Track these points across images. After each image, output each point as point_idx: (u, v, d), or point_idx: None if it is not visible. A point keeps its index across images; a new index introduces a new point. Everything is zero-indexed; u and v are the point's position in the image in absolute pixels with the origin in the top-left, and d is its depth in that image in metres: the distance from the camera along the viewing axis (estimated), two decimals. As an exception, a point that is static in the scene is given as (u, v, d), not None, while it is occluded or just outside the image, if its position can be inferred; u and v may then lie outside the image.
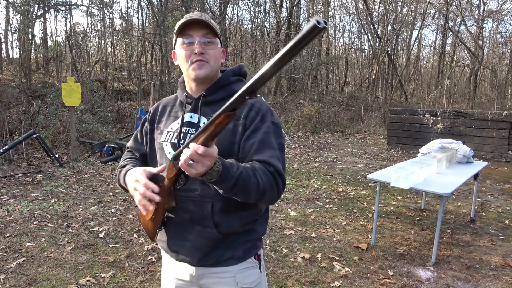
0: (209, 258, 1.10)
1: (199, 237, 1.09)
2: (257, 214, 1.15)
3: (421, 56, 21.06)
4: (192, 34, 1.08)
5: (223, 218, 1.07)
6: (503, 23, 17.75)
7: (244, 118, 1.08)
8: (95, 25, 15.25)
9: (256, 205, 1.14)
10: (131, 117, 9.60)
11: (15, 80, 9.11)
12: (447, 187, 2.88)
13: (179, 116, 1.17)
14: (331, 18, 18.30)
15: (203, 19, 1.07)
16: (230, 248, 1.11)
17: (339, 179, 5.71)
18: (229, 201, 1.06)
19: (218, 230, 1.07)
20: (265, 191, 0.96)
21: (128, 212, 4.01)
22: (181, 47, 1.09)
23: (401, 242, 3.34)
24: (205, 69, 1.08)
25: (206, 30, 1.08)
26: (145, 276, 2.66)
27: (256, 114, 1.09)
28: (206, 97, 1.12)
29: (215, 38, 1.10)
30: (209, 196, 1.06)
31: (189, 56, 1.08)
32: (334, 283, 2.60)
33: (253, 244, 1.15)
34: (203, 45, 1.07)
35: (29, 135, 5.92)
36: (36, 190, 4.73)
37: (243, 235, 1.13)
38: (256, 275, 1.16)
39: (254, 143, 1.04)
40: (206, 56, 1.08)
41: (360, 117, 13.13)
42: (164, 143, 1.15)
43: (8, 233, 3.34)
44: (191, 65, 1.08)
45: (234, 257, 1.11)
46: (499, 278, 2.72)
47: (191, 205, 1.08)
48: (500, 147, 7.43)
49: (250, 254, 1.15)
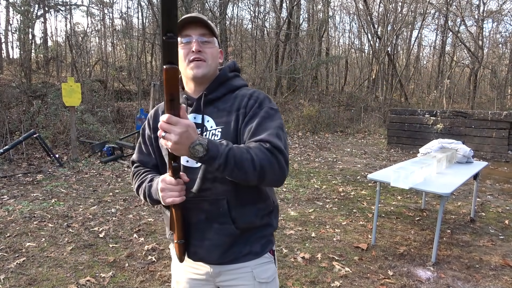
0: (228, 255, 1.10)
1: (217, 234, 1.09)
2: (271, 205, 1.17)
3: (421, 56, 21.08)
4: (189, 33, 1.09)
5: (239, 213, 1.08)
6: (503, 23, 17.77)
7: (244, 108, 1.09)
8: (95, 25, 15.26)
9: (267, 196, 1.16)
10: (131, 117, 9.61)
11: (15, 80, 9.11)
12: (447, 187, 2.88)
13: None
14: (331, 18, 18.30)
15: (200, 17, 1.08)
16: (248, 243, 1.12)
17: (339, 179, 5.71)
18: (243, 195, 1.08)
19: (236, 225, 1.08)
20: (263, 168, 0.94)
21: (128, 212, 4.01)
22: (179, 46, 1.09)
23: (401, 242, 3.34)
24: (202, 68, 1.09)
25: (203, 29, 1.09)
26: (145, 276, 2.67)
27: (255, 102, 1.10)
28: (207, 95, 1.12)
29: (212, 38, 1.12)
30: (223, 193, 1.06)
31: (186, 55, 1.09)
32: (334, 283, 2.60)
33: (268, 240, 1.17)
34: (200, 43, 1.08)
35: (29, 135, 5.92)
36: (36, 190, 4.74)
37: (260, 230, 1.14)
38: (272, 270, 1.18)
39: (252, 127, 1.05)
40: (203, 55, 1.09)
41: (360, 117, 13.13)
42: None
43: (8, 233, 3.34)
44: (189, 64, 1.09)
45: (252, 252, 1.12)
46: (499, 278, 2.72)
47: (206, 204, 1.08)
48: (500, 147, 7.43)
49: (267, 249, 1.16)
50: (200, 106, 1.11)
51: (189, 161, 1.09)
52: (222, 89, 1.14)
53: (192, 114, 1.13)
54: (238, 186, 1.06)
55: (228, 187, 1.06)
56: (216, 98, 1.13)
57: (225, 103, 1.12)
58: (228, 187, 1.06)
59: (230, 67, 1.19)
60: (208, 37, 1.10)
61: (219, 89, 1.14)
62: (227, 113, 1.10)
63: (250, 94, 1.13)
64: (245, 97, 1.12)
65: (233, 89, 1.15)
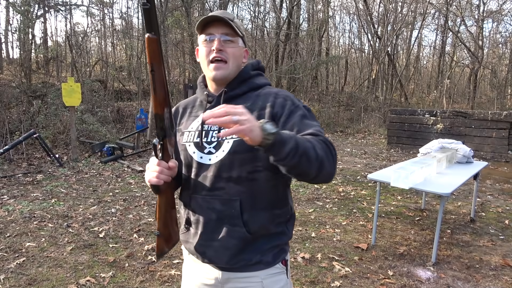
0: (237, 261, 1.06)
1: (228, 236, 1.05)
2: (288, 213, 1.12)
3: (421, 56, 21.06)
4: (212, 31, 1.07)
5: (252, 217, 1.04)
6: (503, 23, 17.77)
7: (271, 107, 1.05)
8: (95, 25, 15.25)
9: (286, 202, 1.11)
10: (131, 117, 9.60)
11: (15, 80, 9.11)
12: (447, 187, 2.88)
13: (199, 115, 1.14)
14: (331, 18, 18.31)
15: (223, 17, 1.05)
16: (259, 252, 1.07)
17: (339, 179, 5.71)
18: (259, 198, 1.04)
19: (247, 229, 1.03)
20: (322, 158, 0.89)
21: (128, 212, 4.01)
22: (202, 44, 1.09)
23: (401, 242, 3.34)
24: (222, 70, 1.07)
25: (227, 28, 1.06)
26: (145, 276, 2.67)
27: (285, 100, 1.06)
28: (228, 92, 1.10)
29: (236, 37, 1.08)
30: (237, 194, 1.03)
31: (208, 53, 1.07)
32: (334, 283, 2.60)
33: (281, 249, 1.12)
34: (222, 42, 1.06)
35: (29, 135, 5.92)
36: (36, 190, 4.74)
37: (273, 239, 1.09)
38: (283, 281, 1.12)
39: (294, 124, 1.00)
40: (224, 54, 1.06)
41: (360, 117, 13.13)
42: (186, 143, 1.12)
43: (8, 233, 3.34)
44: (209, 64, 1.07)
45: (262, 262, 1.07)
46: (499, 278, 2.72)
47: (218, 204, 1.05)
48: (500, 147, 7.43)
49: (279, 259, 1.11)
50: (219, 103, 1.08)
51: (203, 157, 1.07)
52: (244, 87, 1.11)
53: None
54: (254, 188, 1.03)
55: (243, 188, 1.02)
56: (236, 96, 1.10)
57: (246, 101, 1.08)
58: (243, 188, 1.02)
59: (254, 65, 1.17)
60: (231, 36, 1.07)
61: (240, 86, 1.11)
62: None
63: (275, 92, 1.09)
64: (270, 95, 1.08)
65: (255, 87, 1.12)
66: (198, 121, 1.13)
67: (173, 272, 2.71)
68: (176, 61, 13.61)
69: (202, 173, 1.05)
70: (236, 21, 1.09)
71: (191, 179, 1.10)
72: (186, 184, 1.12)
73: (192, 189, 1.10)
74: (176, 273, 2.69)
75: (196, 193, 1.08)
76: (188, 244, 1.14)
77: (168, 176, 0.99)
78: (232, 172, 1.02)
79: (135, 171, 5.95)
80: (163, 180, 0.98)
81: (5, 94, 8.43)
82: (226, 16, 1.06)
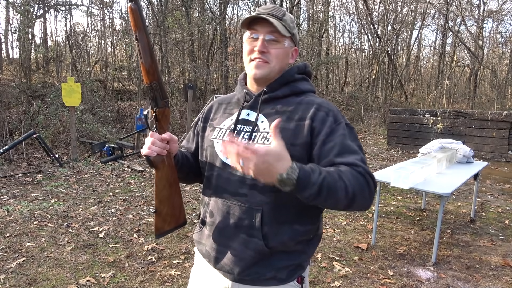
0: (249, 273, 0.99)
1: (244, 246, 0.98)
2: (312, 233, 1.03)
3: (421, 56, 21.09)
4: (258, 29, 1.01)
5: (273, 230, 0.97)
6: (503, 23, 17.78)
7: (311, 119, 0.97)
8: (95, 25, 15.26)
9: (311, 220, 1.03)
10: (131, 117, 9.60)
11: (15, 80, 9.11)
12: (447, 187, 2.88)
13: (234, 113, 1.09)
14: (331, 18, 18.31)
15: (268, 18, 0.97)
16: (274, 268, 0.99)
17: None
18: (283, 211, 0.97)
19: (265, 242, 0.96)
20: (355, 195, 0.85)
21: (128, 212, 4.01)
22: (246, 41, 1.04)
23: (401, 242, 3.34)
24: (263, 69, 1.01)
25: (273, 27, 0.98)
26: (145, 276, 2.66)
27: (327, 115, 0.98)
28: (267, 93, 1.03)
29: (282, 37, 1.01)
30: (259, 204, 0.96)
31: (250, 52, 1.02)
32: (334, 283, 2.60)
33: (298, 265, 1.02)
34: (266, 43, 0.99)
35: (29, 135, 5.92)
36: (36, 190, 4.73)
37: (291, 257, 1.01)
38: None
39: (334, 146, 0.93)
40: (267, 56, 1.00)
41: (360, 117, 13.13)
42: (215, 140, 1.07)
43: (8, 233, 3.34)
44: (250, 62, 1.02)
45: (276, 278, 1.00)
46: (499, 278, 2.72)
47: (237, 211, 0.99)
48: (500, 147, 7.43)
49: (294, 277, 1.02)
50: (257, 104, 1.03)
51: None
52: (285, 90, 1.04)
53: (246, 110, 1.06)
54: (278, 200, 0.96)
55: (267, 198, 0.96)
56: (276, 98, 1.03)
57: (285, 106, 1.01)
58: (267, 199, 0.95)
59: (300, 68, 1.09)
60: (277, 35, 0.99)
61: (282, 88, 1.04)
62: (286, 118, 0.99)
63: (318, 103, 1.00)
64: (312, 106, 0.99)
65: (297, 92, 1.05)
66: (231, 119, 1.08)
67: (173, 272, 2.71)
68: (176, 61, 13.61)
69: (226, 175, 1.00)
70: (286, 18, 1.01)
71: (213, 179, 1.06)
72: (207, 183, 1.08)
73: (213, 189, 1.05)
74: (176, 273, 2.69)
75: (217, 194, 1.04)
76: (201, 246, 1.10)
77: (161, 148, 0.97)
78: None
79: (135, 171, 5.95)
80: (155, 152, 0.96)
81: (5, 94, 8.43)
82: (274, 13, 0.99)
